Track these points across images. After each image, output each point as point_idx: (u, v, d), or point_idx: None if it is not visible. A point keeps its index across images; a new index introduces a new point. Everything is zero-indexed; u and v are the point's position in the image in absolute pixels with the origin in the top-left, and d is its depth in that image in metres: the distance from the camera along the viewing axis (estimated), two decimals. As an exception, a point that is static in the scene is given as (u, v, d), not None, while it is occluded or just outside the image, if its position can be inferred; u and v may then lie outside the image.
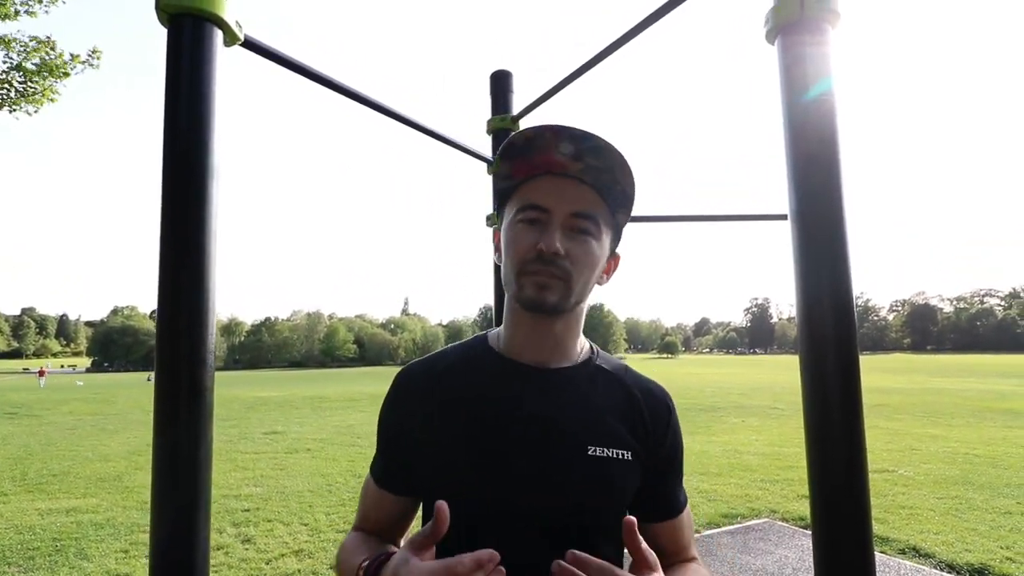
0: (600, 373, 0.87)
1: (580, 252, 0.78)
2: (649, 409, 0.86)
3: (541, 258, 0.76)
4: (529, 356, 0.84)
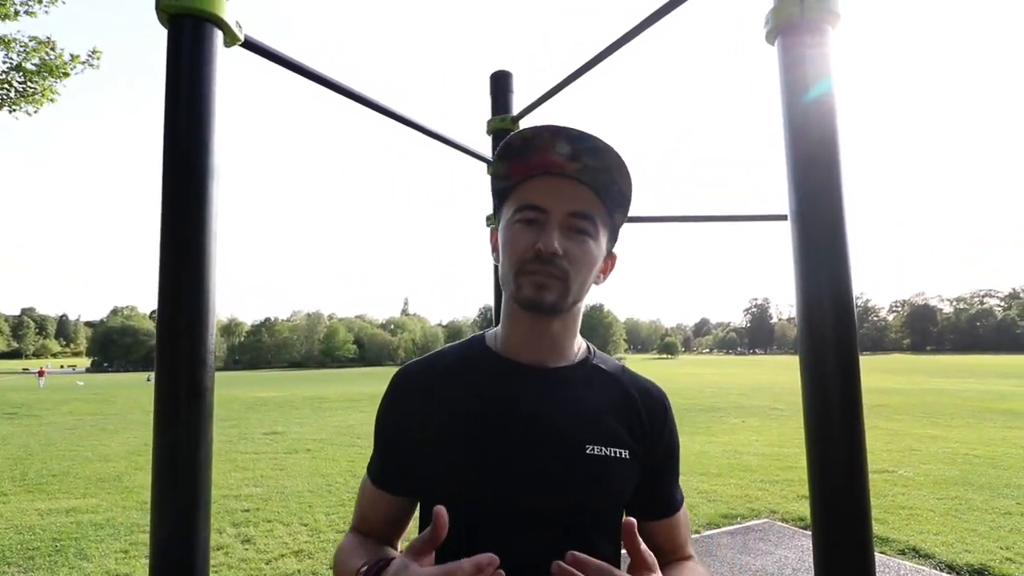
0: (597, 372, 0.87)
1: (578, 252, 0.78)
2: (646, 408, 0.87)
3: (539, 258, 0.76)
4: (527, 356, 0.84)
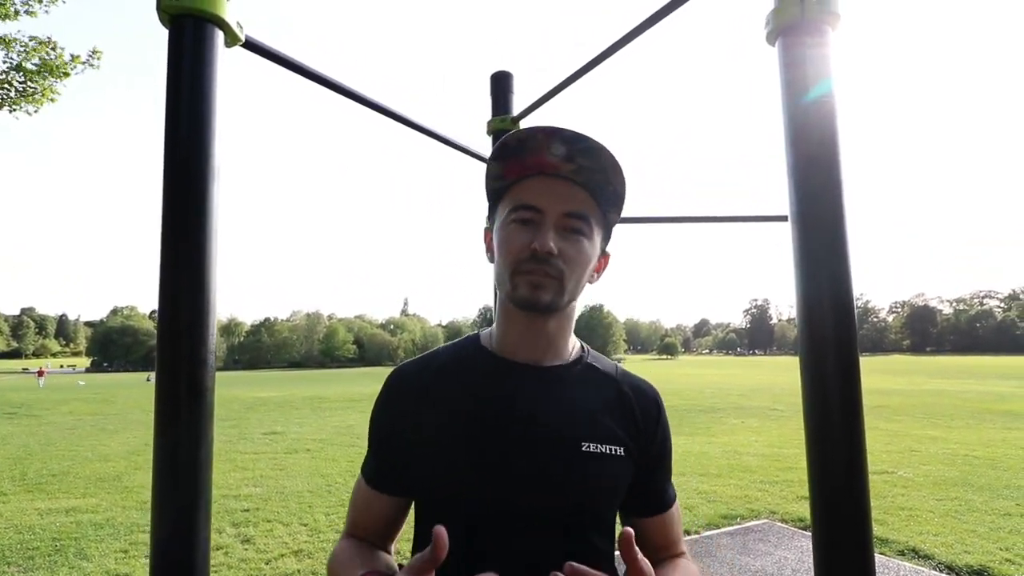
0: (591, 371, 0.88)
1: (573, 251, 0.79)
2: (640, 406, 0.88)
3: (535, 257, 0.76)
4: (522, 355, 0.84)
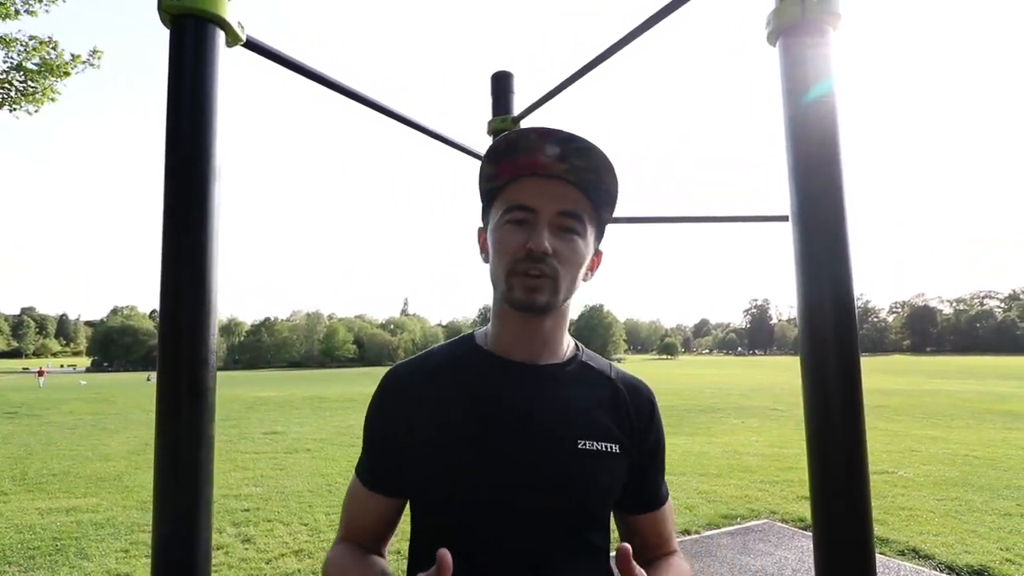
0: (586, 369, 0.89)
1: (567, 250, 0.79)
2: (634, 405, 0.89)
3: (530, 257, 0.77)
4: (518, 354, 0.85)
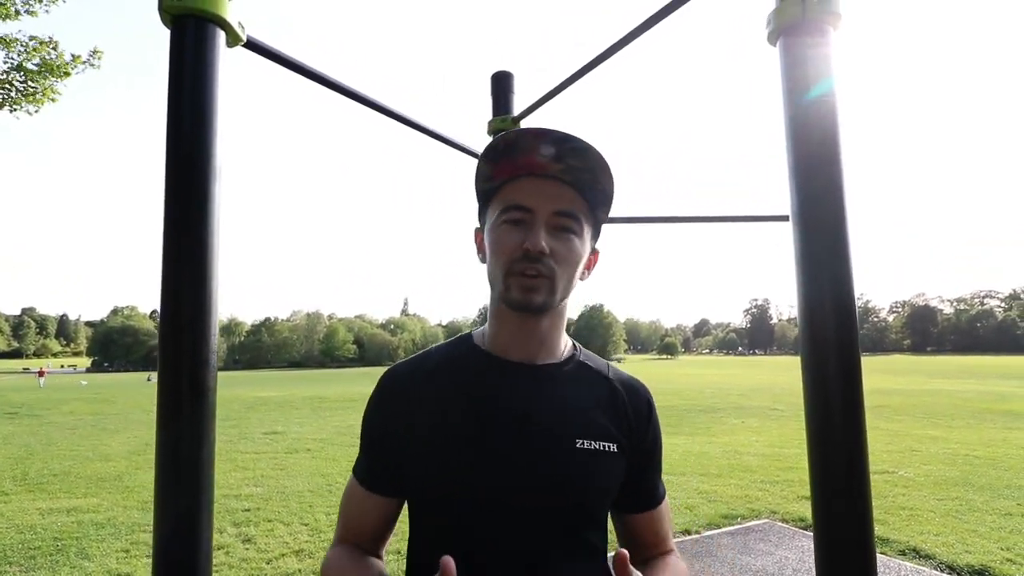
0: (584, 369, 0.89)
1: (564, 250, 0.80)
2: (632, 404, 0.89)
3: (527, 257, 0.77)
4: (516, 353, 0.85)
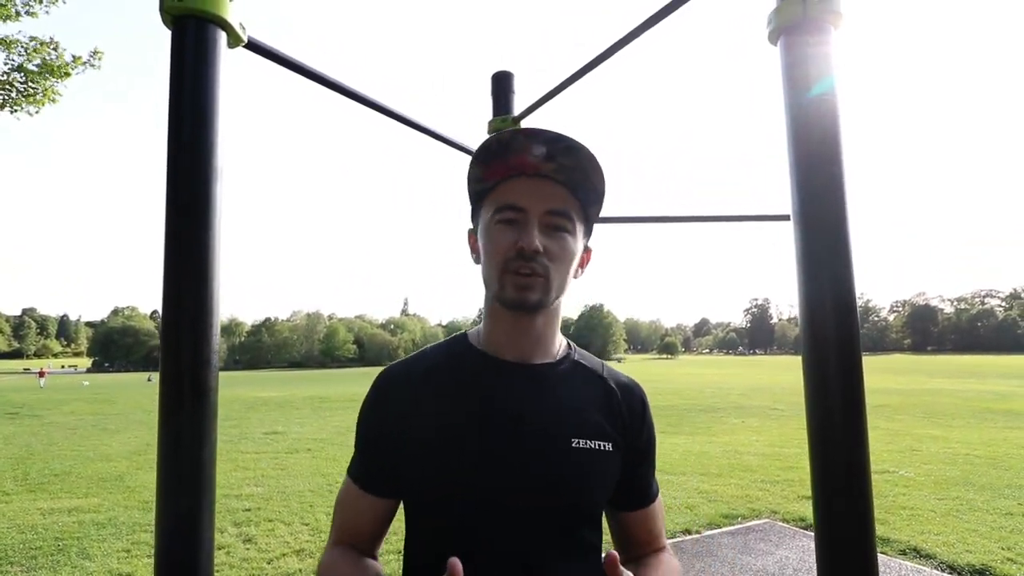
0: (579, 368, 0.90)
1: (557, 248, 0.80)
2: (626, 403, 0.89)
3: (521, 256, 0.78)
4: (511, 353, 0.85)
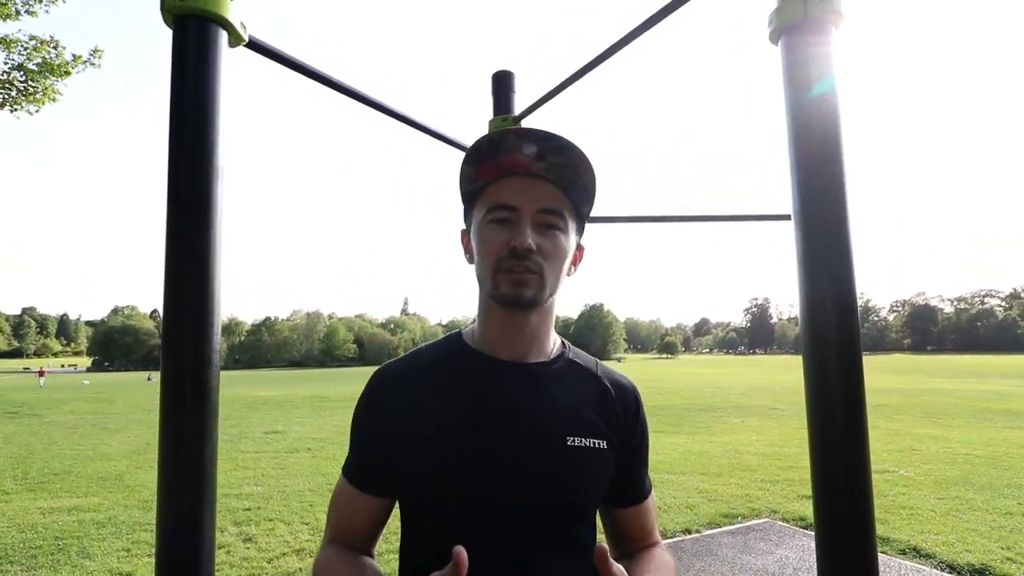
0: (573, 366, 0.90)
1: (550, 246, 0.80)
2: (620, 401, 0.90)
3: (515, 254, 0.78)
4: (505, 352, 0.85)
